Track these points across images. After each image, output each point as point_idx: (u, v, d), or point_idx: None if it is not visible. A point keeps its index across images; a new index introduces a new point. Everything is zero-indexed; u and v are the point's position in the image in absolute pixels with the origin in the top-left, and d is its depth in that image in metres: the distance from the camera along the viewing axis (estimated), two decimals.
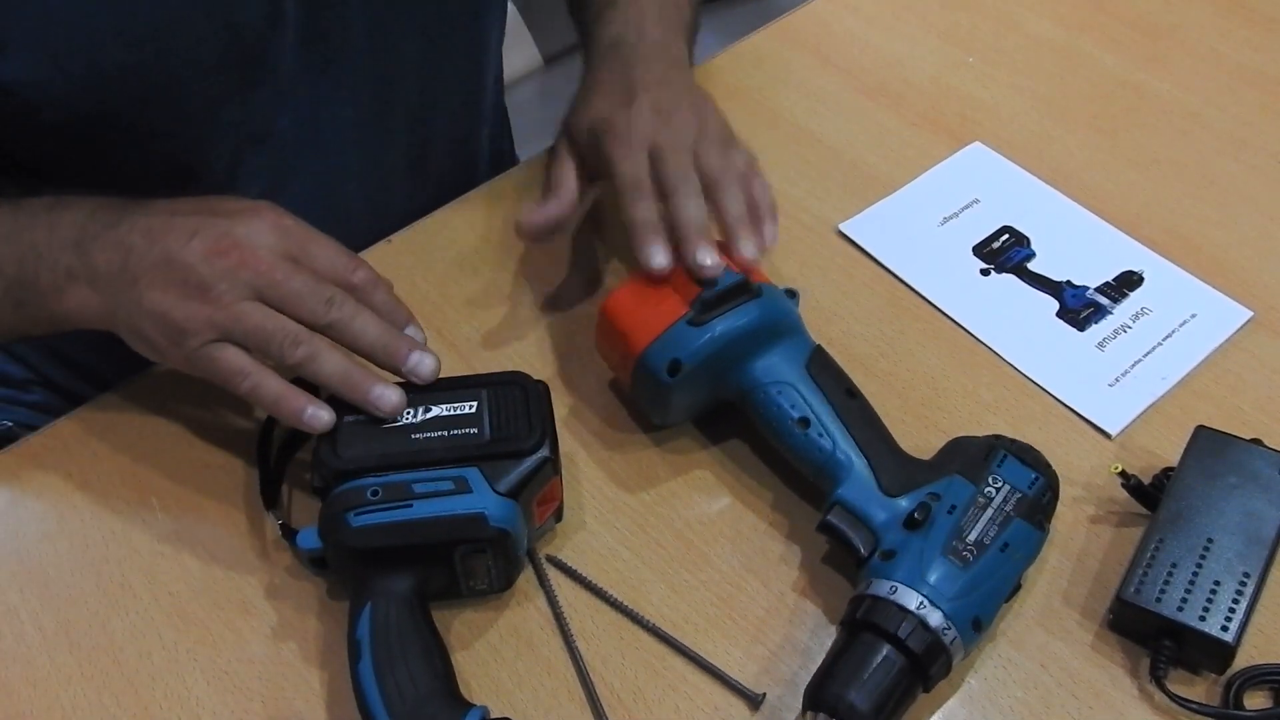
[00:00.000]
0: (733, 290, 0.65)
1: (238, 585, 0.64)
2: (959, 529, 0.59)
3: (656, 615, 0.62)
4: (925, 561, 0.58)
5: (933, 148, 0.87)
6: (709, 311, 0.64)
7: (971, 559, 0.58)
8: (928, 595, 0.57)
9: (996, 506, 0.60)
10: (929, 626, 0.56)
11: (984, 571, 0.58)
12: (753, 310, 0.65)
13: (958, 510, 0.60)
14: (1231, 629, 0.57)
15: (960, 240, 0.81)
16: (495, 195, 0.85)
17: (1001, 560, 0.59)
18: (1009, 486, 0.61)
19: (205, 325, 0.60)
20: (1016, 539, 0.60)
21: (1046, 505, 0.62)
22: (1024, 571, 0.61)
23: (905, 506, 0.61)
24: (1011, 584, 0.60)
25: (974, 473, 0.62)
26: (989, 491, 0.61)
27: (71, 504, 0.68)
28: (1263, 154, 0.86)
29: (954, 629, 0.57)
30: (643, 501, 0.67)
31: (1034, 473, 0.62)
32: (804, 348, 0.67)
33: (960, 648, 0.57)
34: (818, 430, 0.63)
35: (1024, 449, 0.63)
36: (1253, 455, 0.63)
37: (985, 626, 0.58)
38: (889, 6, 1.00)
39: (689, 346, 0.64)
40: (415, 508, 0.59)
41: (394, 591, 0.58)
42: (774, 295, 0.66)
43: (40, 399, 0.87)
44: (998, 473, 0.62)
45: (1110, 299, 0.77)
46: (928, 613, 0.56)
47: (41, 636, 0.62)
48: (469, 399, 0.63)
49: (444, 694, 0.56)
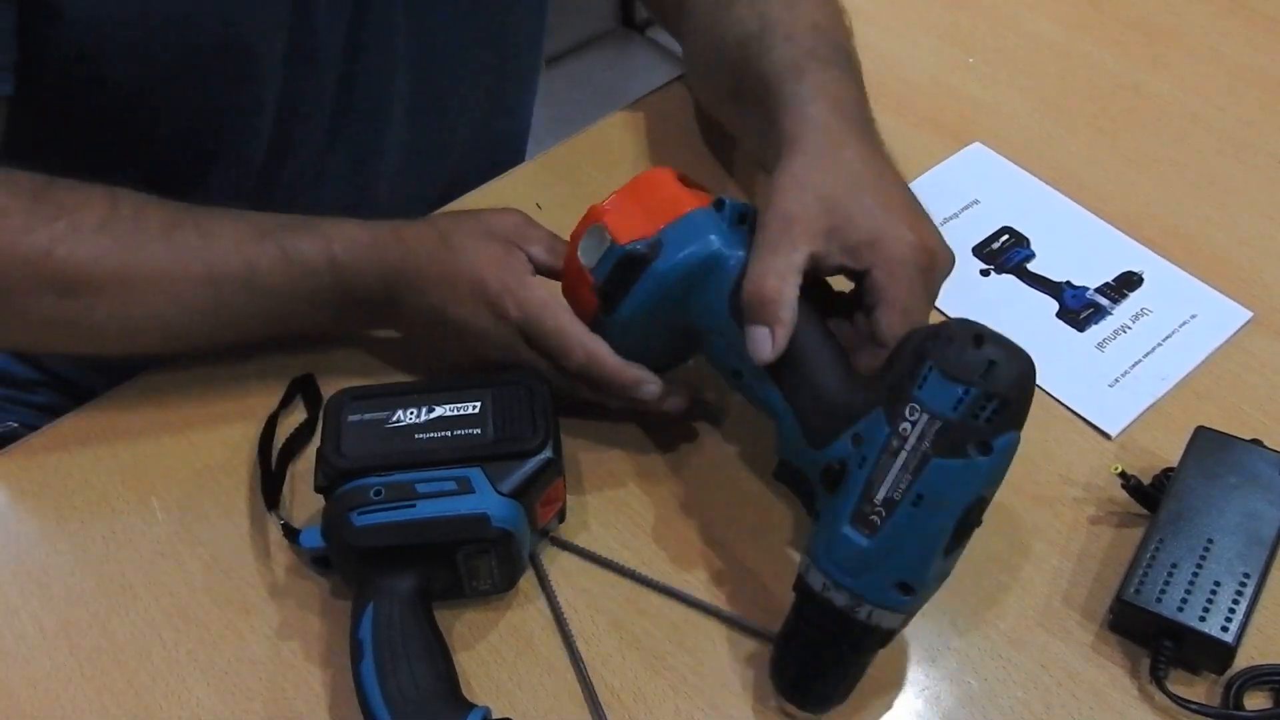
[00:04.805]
0: (623, 266, 0.60)
1: (238, 585, 0.64)
2: (868, 485, 0.51)
3: (657, 615, 0.62)
4: (830, 535, 0.53)
5: (933, 148, 0.87)
6: (610, 299, 0.61)
7: (879, 523, 0.51)
8: (831, 576, 0.52)
9: (910, 448, 0.50)
10: (835, 608, 0.53)
11: (895, 537, 0.51)
12: (648, 282, 0.60)
13: (869, 460, 0.52)
14: (1231, 629, 0.57)
15: (960, 241, 0.81)
16: (496, 194, 0.85)
17: (916, 517, 0.51)
18: (927, 415, 0.50)
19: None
20: (935, 485, 0.50)
21: (989, 420, 0.50)
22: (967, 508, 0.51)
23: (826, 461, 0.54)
24: (943, 535, 0.51)
25: (896, 398, 0.51)
26: (904, 428, 0.50)
27: (71, 504, 0.68)
28: (1263, 154, 0.86)
29: (867, 604, 0.52)
30: (645, 503, 0.67)
31: (961, 385, 0.50)
32: (726, 279, 0.60)
33: (889, 615, 0.53)
34: (749, 381, 0.59)
35: (961, 345, 0.51)
36: (1253, 455, 0.63)
37: (921, 587, 0.52)
38: (889, 6, 1.00)
39: (610, 336, 0.63)
40: (419, 508, 0.59)
41: (396, 591, 0.58)
42: (685, 233, 0.60)
43: (45, 400, 0.87)
44: (917, 398, 0.51)
45: (1110, 299, 0.77)
46: (832, 594, 0.53)
47: (41, 636, 0.62)
48: (473, 399, 0.63)
49: (446, 694, 0.56)
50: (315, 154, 0.81)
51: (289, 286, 0.66)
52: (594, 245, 0.62)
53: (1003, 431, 0.51)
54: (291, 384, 0.71)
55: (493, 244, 0.66)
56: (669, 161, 0.86)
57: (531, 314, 0.64)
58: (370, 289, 0.67)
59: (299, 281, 0.66)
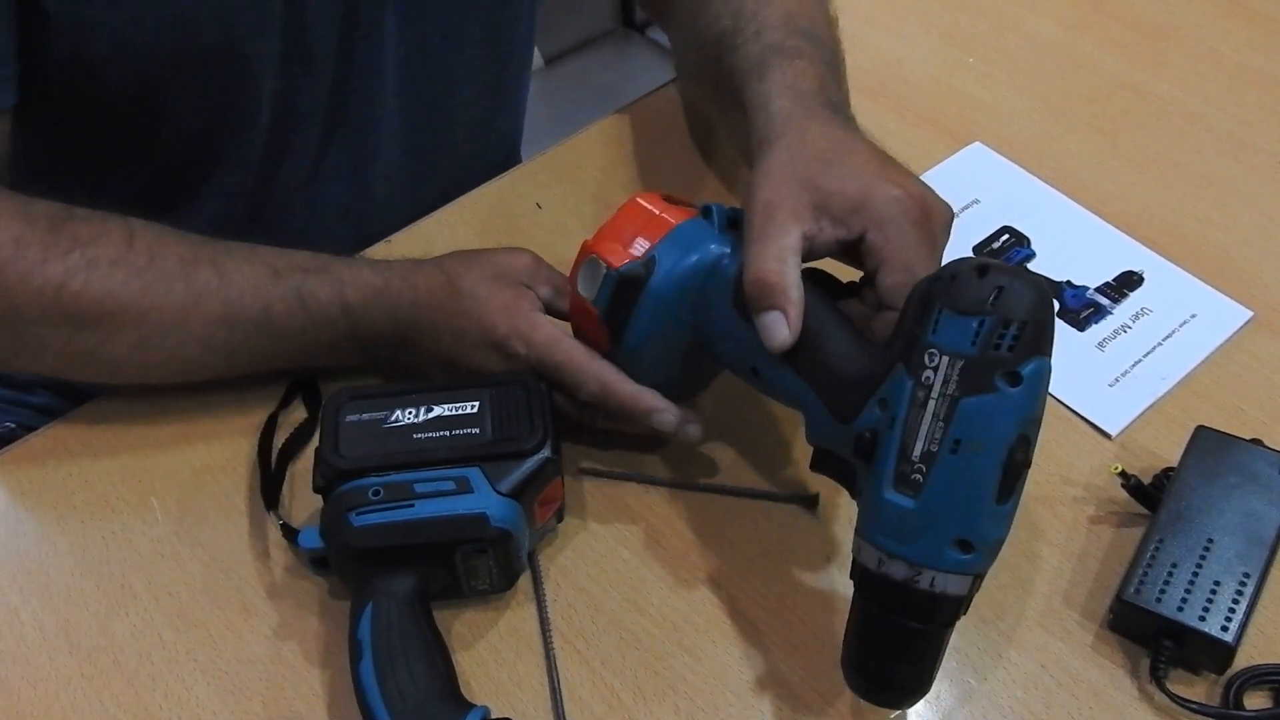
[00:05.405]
0: (620, 292, 0.61)
1: (238, 585, 0.64)
2: (904, 446, 0.49)
3: (657, 615, 0.62)
4: (874, 504, 0.51)
5: (933, 148, 0.87)
6: (616, 327, 0.62)
7: (921, 480, 0.49)
8: (885, 548, 0.50)
9: (937, 395, 0.48)
10: (895, 582, 0.50)
11: (939, 490, 0.49)
12: (647, 301, 0.60)
13: (899, 419, 0.49)
14: (1231, 629, 0.57)
15: (960, 240, 0.81)
16: (496, 195, 0.85)
17: (958, 465, 0.48)
18: (947, 357, 0.48)
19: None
20: (970, 427, 0.48)
21: (1011, 346, 0.48)
22: (1009, 447, 0.49)
23: (857, 432, 0.52)
24: (991, 480, 0.49)
25: (911, 353, 0.50)
26: (926, 377, 0.48)
27: (71, 504, 0.68)
28: (1263, 154, 0.86)
29: (927, 570, 0.49)
30: (643, 502, 0.67)
31: (973, 318, 0.48)
32: (724, 281, 0.59)
33: (953, 579, 0.50)
34: (768, 375, 0.58)
35: (966, 279, 0.49)
36: (1253, 455, 0.63)
37: (980, 542, 0.50)
38: (889, 6, 1.00)
39: (625, 365, 0.63)
40: (417, 508, 0.59)
41: (395, 591, 0.58)
42: (676, 247, 0.60)
43: (44, 401, 0.87)
44: (932, 342, 0.49)
45: (1110, 299, 0.77)
46: (889, 568, 0.50)
47: (41, 636, 0.62)
48: (471, 399, 0.63)
49: (445, 694, 0.56)
50: (312, 155, 0.81)
51: (303, 330, 0.67)
52: (590, 276, 0.62)
53: (1028, 357, 0.49)
54: (291, 384, 0.71)
55: (503, 289, 0.66)
56: (669, 161, 0.86)
57: (539, 349, 0.64)
58: (382, 333, 0.67)
59: (313, 325, 0.67)
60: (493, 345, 0.65)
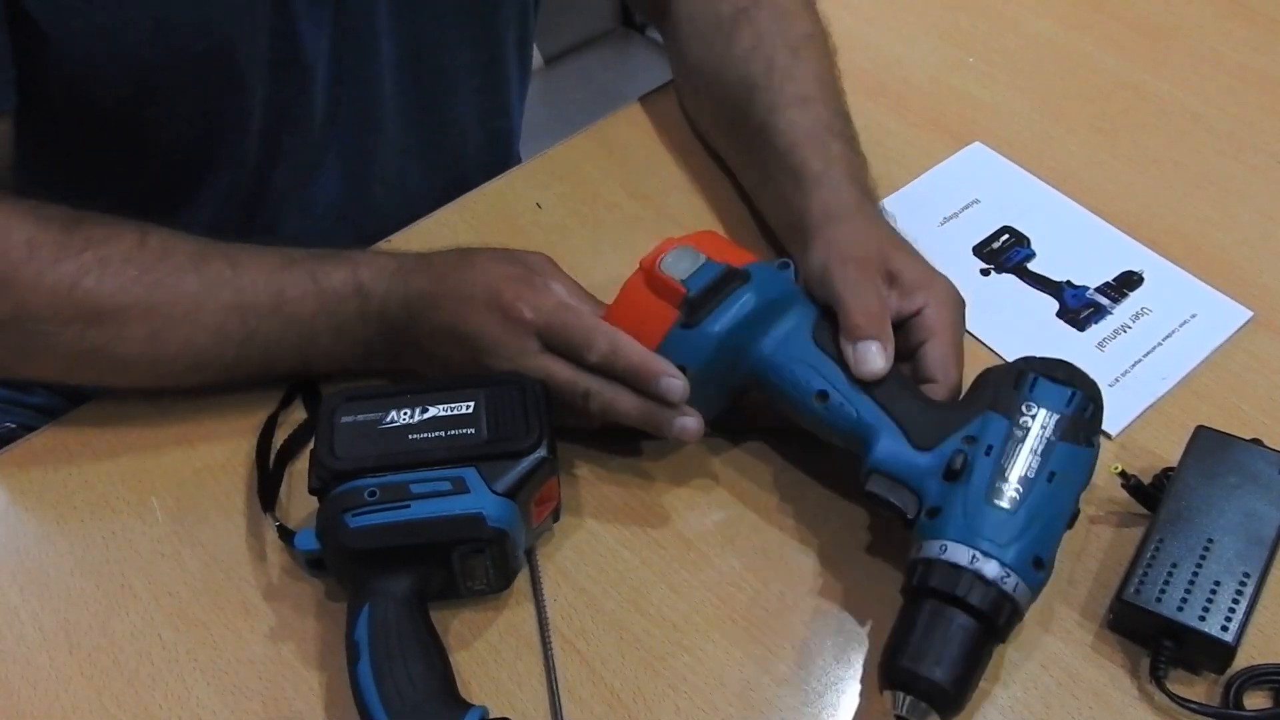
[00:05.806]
0: (720, 281, 0.63)
1: (237, 586, 0.64)
2: (1000, 469, 0.58)
3: (657, 615, 0.62)
4: (971, 512, 0.57)
5: (933, 148, 0.87)
6: (699, 310, 0.63)
7: (1019, 497, 0.57)
8: (979, 547, 0.55)
9: (1036, 435, 0.58)
10: (987, 579, 0.55)
11: (1035, 508, 0.57)
12: (746, 297, 0.63)
13: (995, 449, 0.58)
14: (1231, 629, 0.57)
15: (960, 240, 0.81)
16: (495, 195, 0.85)
17: (1051, 491, 0.57)
18: (1045, 410, 0.59)
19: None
20: (1064, 464, 0.58)
21: (1090, 419, 0.60)
22: (1080, 495, 0.59)
23: (942, 457, 0.59)
24: (1069, 511, 0.59)
25: (1006, 404, 0.60)
26: (1025, 421, 0.59)
27: (71, 504, 0.68)
28: (1263, 154, 0.86)
29: (1013, 574, 0.55)
30: (641, 501, 0.67)
31: (1069, 389, 0.60)
32: (807, 317, 0.65)
33: (1027, 591, 0.56)
34: (838, 400, 0.62)
35: (1054, 365, 0.61)
36: (1253, 455, 0.63)
37: (1048, 564, 0.57)
38: (889, 6, 1.00)
39: (688, 351, 0.63)
40: (413, 508, 0.59)
41: (392, 592, 0.58)
42: (765, 274, 0.65)
43: (43, 401, 0.87)
44: (1030, 398, 0.59)
45: (1110, 299, 0.77)
46: (982, 565, 0.55)
47: (41, 636, 0.62)
48: (466, 399, 0.63)
49: (443, 694, 0.56)
50: (308, 158, 0.81)
51: (316, 316, 0.67)
52: (686, 259, 0.64)
53: (1097, 431, 0.61)
54: (291, 385, 0.71)
55: (515, 265, 0.67)
56: (669, 161, 0.87)
57: (548, 312, 0.64)
58: (393, 314, 0.67)
59: (326, 310, 0.67)
60: (497, 308, 0.64)
